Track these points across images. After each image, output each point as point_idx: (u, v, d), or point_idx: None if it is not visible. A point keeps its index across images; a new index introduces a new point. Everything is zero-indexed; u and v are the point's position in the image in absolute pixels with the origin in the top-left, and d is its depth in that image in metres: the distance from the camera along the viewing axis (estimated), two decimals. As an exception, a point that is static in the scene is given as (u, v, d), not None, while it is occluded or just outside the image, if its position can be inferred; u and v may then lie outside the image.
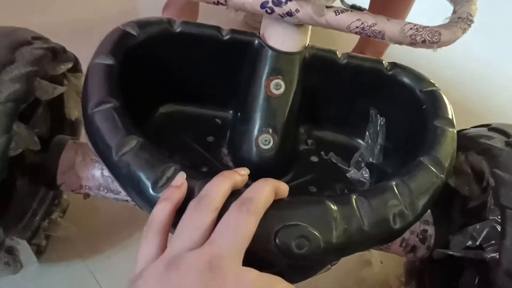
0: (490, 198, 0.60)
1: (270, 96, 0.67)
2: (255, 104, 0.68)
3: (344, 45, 1.28)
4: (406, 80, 0.70)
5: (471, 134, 0.69)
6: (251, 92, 0.69)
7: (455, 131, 0.63)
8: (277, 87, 0.67)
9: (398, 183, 0.54)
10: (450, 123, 0.63)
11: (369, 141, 0.76)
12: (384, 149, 0.74)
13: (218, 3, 0.63)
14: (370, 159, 0.75)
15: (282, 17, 0.63)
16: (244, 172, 0.51)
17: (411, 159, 0.61)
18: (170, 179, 0.50)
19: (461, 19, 0.64)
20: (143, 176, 0.51)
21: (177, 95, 0.76)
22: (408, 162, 0.61)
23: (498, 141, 0.63)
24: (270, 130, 0.68)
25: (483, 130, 0.68)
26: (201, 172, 0.70)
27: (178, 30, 0.69)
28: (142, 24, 0.67)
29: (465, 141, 0.67)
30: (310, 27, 0.67)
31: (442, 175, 0.57)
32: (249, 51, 0.69)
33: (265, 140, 0.68)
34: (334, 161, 0.77)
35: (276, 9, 0.62)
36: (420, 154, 0.59)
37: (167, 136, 0.74)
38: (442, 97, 0.67)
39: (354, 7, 1.44)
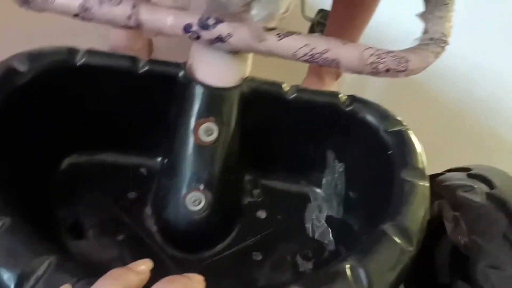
0: None
1: (199, 144, 0.53)
2: (182, 154, 0.54)
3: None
4: (367, 117, 0.57)
5: (452, 193, 0.56)
6: (176, 139, 0.55)
7: (427, 184, 0.50)
8: (208, 132, 0.53)
9: (353, 266, 0.40)
10: (421, 174, 0.51)
11: (327, 190, 0.63)
12: (347, 200, 0.61)
13: (129, 27, 0.50)
14: (329, 212, 0.62)
15: (212, 43, 0.49)
16: (145, 267, 0.36)
17: (376, 216, 0.48)
18: (42, 278, 0.36)
19: (433, 41, 0.52)
20: (3, 274, 0.36)
21: (88, 141, 0.61)
22: (375, 218, 0.48)
23: (479, 197, 0.51)
24: (201, 187, 0.54)
25: (462, 179, 0.56)
26: (116, 241, 0.55)
27: (80, 62, 0.54)
28: (33, 57, 0.52)
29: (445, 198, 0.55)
30: (251, 54, 0.54)
31: (410, 248, 0.44)
32: (173, 86, 0.56)
33: (195, 200, 0.54)
34: (285, 216, 0.63)
35: (203, 33, 0.49)
36: (384, 218, 0.46)
37: (76, 193, 0.59)
38: (411, 139, 0.54)
39: (322, 13, 1.29)
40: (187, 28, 0.49)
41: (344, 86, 1.16)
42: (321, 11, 1.30)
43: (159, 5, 0.49)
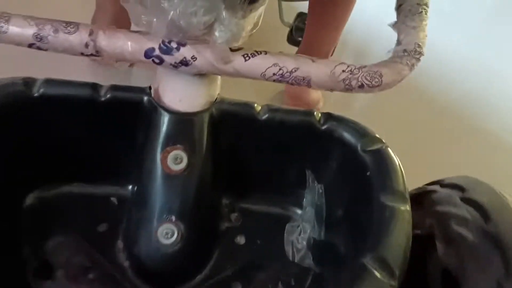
0: None
1: (168, 173, 0.51)
2: (151, 184, 0.52)
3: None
4: (344, 136, 0.55)
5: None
6: (145, 169, 0.53)
7: (408, 208, 0.48)
8: (177, 160, 0.51)
9: None
10: (401, 197, 0.48)
11: (308, 211, 0.60)
12: (328, 221, 0.58)
13: (88, 55, 0.47)
14: (311, 234, 0.59)
15: (176, 67, 0.47)
16: None
17: (358, 241, 0.46)
18: None
19: (407, 53, 0.50)
20: None
21: (53, 173, 0.58)
22: (357, 242, 0.46)
23: (474, 234, 0.49)
24: (173, 218, 0.51)
25: (455, 204, 0.53)
26: (87, 280, 0.52)
27: (38, 92, 0.52)
28: None
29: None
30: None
31: (392, 282, 0.42)
32: (138, 112, 0.53)
33: (167, 233, 0.51)
34: (265, 240, 0.60)
35: (166, 58, 0.46)
36: (364, 249, 0.44)
37: (42, 230, 0.56)
38: (391, 158, 0.52)
39: (301, 17, 1.24)
40: (148, 53, 0.46)
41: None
42: (301, 14, 1.24)
43: (119, 30, 0.46)
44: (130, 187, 0.60)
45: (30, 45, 0.46)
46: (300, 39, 1.19)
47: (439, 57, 1.37)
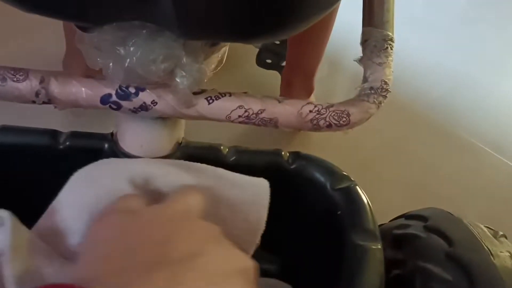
0: None
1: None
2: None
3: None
4: (314, 175, 0.53)
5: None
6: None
7: (380, 246, 0.47)
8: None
9: None
10: (372, 236, 0.47)
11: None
12: (298, 267, 0.57)
13: (42, 103, 0.44)
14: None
15: (135, 112, 0.45)
16: None
17: (329, 285, 0.44)
18: None
19: (373, 90, 0.50)
20: None
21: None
22: (330, 283, 0.44)
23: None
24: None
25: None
26: None
27: None
28: None
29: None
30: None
31: None
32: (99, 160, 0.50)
33: None
34: None
35: (124, 103, 0.44)
36: None
37: None
38: (360, 197, 0.51)
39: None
40: (105, 99, 0.44)
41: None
42: None
43: (72, 76, 0.44)
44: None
45: (-25, 96, 0.43)
46: (268, 61, 1.18)
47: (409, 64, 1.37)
